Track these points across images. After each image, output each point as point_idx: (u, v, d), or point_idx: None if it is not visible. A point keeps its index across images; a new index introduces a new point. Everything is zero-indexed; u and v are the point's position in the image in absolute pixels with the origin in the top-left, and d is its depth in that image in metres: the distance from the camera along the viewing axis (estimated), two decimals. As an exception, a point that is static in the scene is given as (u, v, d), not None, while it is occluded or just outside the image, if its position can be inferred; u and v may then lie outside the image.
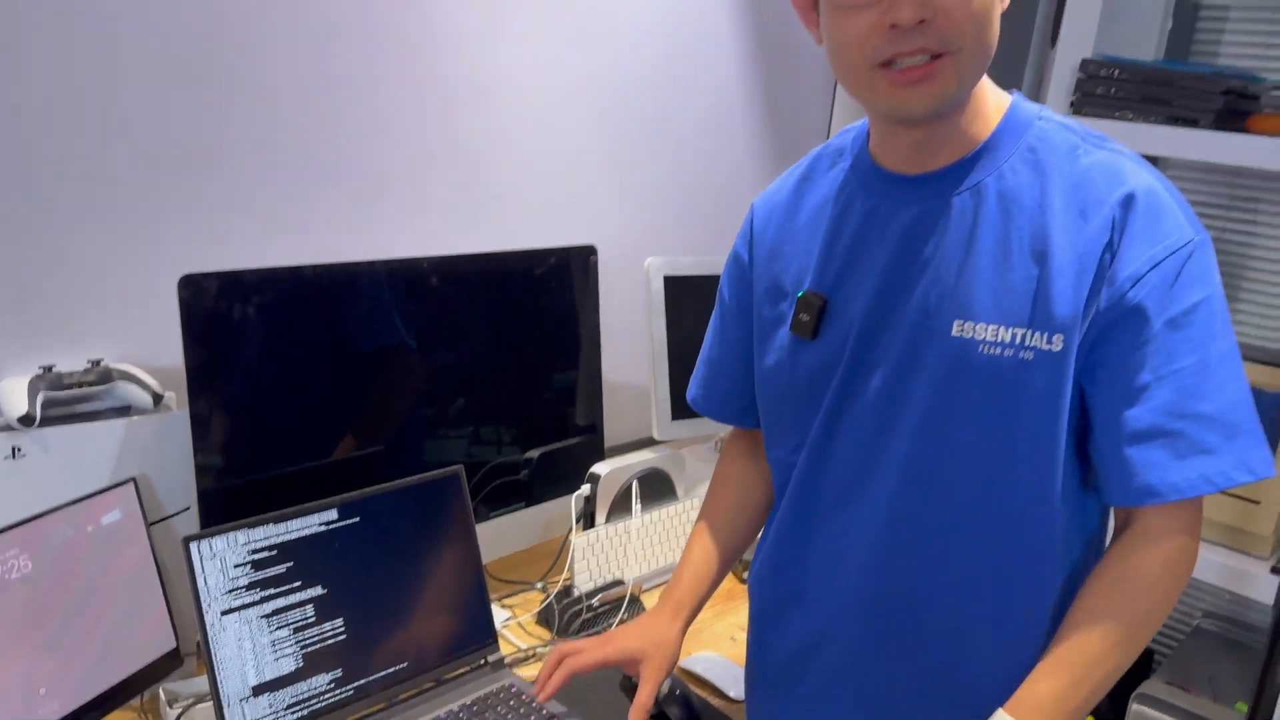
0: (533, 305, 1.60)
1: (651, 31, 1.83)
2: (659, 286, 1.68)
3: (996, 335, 0.94)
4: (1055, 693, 0.93)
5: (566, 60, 1.72)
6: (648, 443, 1.77)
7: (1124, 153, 0.95)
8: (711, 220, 2.02)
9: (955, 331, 0.96)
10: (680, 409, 1.71)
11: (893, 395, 1.01)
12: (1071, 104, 1.99)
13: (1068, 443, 0.96)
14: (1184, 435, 0.91)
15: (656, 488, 1.69)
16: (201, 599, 1.13)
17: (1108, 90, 1.92)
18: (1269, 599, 1.72)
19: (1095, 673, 0.93)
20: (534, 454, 1.65)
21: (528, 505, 1.65)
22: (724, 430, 1.83)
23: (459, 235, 1.64)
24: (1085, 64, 1.96)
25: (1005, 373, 0.94)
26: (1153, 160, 2.22)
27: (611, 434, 1.80)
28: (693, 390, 1.26)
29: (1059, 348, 0.92)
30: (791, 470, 1.12)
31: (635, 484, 1.64)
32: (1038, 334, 0.93)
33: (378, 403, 1.43)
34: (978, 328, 0.95)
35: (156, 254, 1.31)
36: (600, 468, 1.60)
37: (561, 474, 1.67)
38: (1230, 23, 2.18)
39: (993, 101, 0.98)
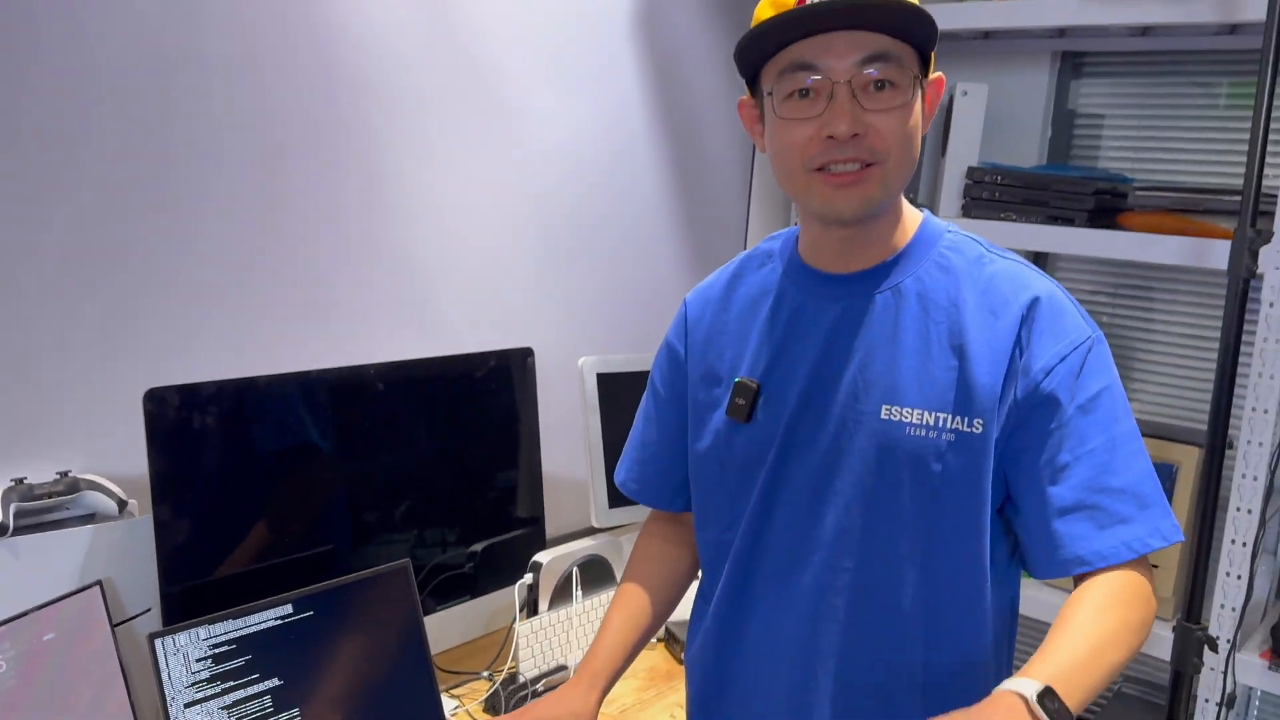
0: (475, 405, 1.71)
1: (581, 153, 1.99)
2: (593, 383, 1.81)
3: (922, 418, 1.04)
4: (1072, 664, 0.92)
5: (504, 180, 1.87)
6: (587, 532, 1.87)
7: (1023, 262, 1.09)
8: (638, 321, 2.17)
9: (884, 415, 1.06)
10: (617, 497, 1.82)
11: (826, 474, 1.09)
12: (962, 207, 2.19)
13: (992, 517, 1.05)
14: (1103, 508, 1.00)
15: (597, 574, 1.78)
16: (166, 693, 1.20)
17: (992, 194, 2.12)
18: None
19: (1106, 656, 0.94)
20: (478, 547, 1.74)
21: (473, 597, 1.73)
22: (659, 517, 1.94)
23: (405, 342, 1.76)
24: (971, 171, 2.17)
25: (930, 452, 1.04)
26: (1038, 256, 2.43)
27: (552, 526, 1.89)
28: (621, 474, 1.32)
29: (979, 430, 1.03)
30: (722, 550, 1.18)
31: (576, 571, 1.74)
32: (959, 418, 1.03)
33: (330, 503, 1.52)
34: (905, 411, 1.05)
35: (116, 371, 1.41)
36: (542, 556, 1.70)
37: (506, 565, 1.76)
38: (1105, 129, 2.42)
39: (909, 215, 1.11)
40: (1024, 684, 0.90)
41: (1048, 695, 0.89)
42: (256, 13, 1.48)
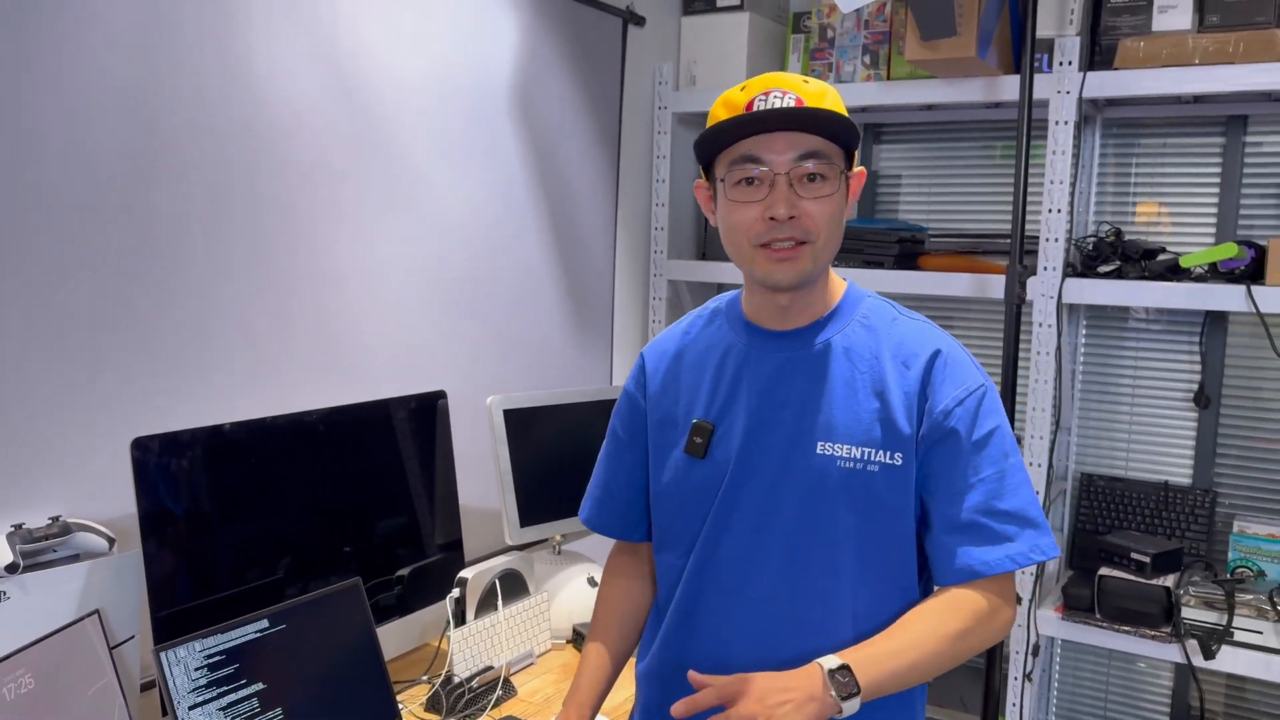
0: (398, 443, 1.94)
1: (475, 219, 2.26)
2: (500, 419, 2.07)
3: (851, 453, 1.21)
4: (882, 652, 1.14)
5: (409, 244, 2.11)
6: (501, 550, 2.11)
7: (926, 320, 1.30)
8: (531, 363, 2.44)
9: (820, 450, 1.22)
10: (528, 518, 2.08)
11: (769, 502, 1.24)
12: (796, 255, 2.59)
13: (917, 536, 1.24)
14: (990, 528, 1.19)
15: (513, 586, 2.03)
16: (174, 697, 1.38)
17: (820, 244, 2.53)
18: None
19: (921, 650, 1.15)
20: (405, 571, 1.95)
21: (405, 614, 1.94)
22: (559, 534, 2.21)
23: (333, 390, 1.97)
24: (801, 225, 2.57)
25: (858, 482, 1.21)
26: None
27: (470, 547, 2.12)
28: (585, 512, 1.45)
29: (899, 463, 1.21)
30: (674, 571, 1.32)
31: (497, 583, 1.98)
32: (882, 452, 1.21)
33: (285, 534, 1.72)
34: (837, 447, 1.22)
35: (97, 427, 1.57)
36: (467, 572, 1.94)
37: (431, 585, 1.98)
38: (903, 187, 2.89)
39: (835, 283, 1.30)
40: (829, 659, 1.13)
41: (841, 670, 1.12)
42: (209, 112, 1.69)
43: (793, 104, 1.18)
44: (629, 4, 2.65)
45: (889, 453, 1.22)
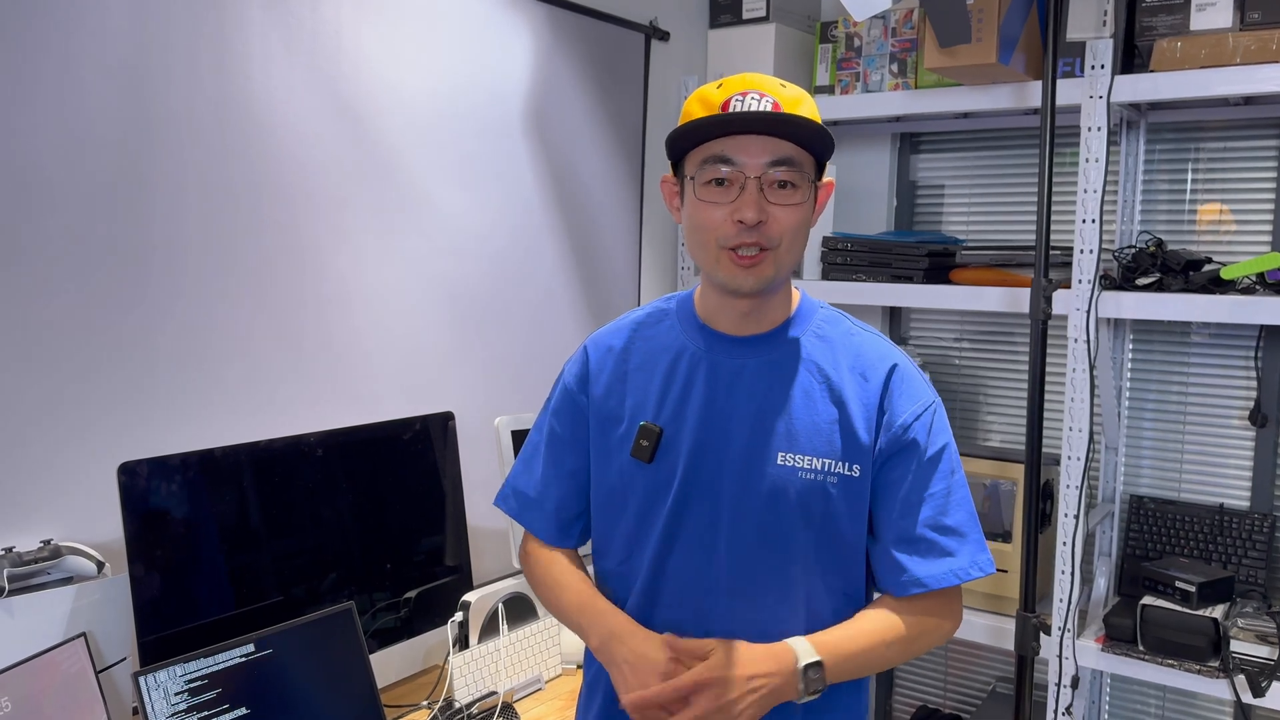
0: (405, 465, 1.94)
1: (488, 238, 2.25)
2: (508, 440, 2.05)
3: (811, 464, 1.22)
4: (848, 654, 1.20)
5: (419, 266, 2.11)
6: (509, 573, 2.09)
7: (880, 334, 1.31)
8: (545, 382, 2.42)
9: (780, 461, 1.22)
10: (533, 540, 2.05)
11: (727, 513, 1.23)
12: (821, 271, 2.52)
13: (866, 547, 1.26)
14: (936, 542, 1.23)
15: (519, 609, 2.01)
16: (151, 722, 1.39)
17: (845, 259, 2.46)
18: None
19: (872, 656, 1.22)
20: (412, 594, 1.94)
21: (410, 637, 1.93)
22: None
23: (338, 412, 1.98)
24: (826, 240, 2.50)
25: (818, 493, 1.22)
26: (892, 310, 2.77)
27: (478, 569, 2.11)
28: (515, 511, 1.39)
29: (858, 474, 1.23)
30: (621, 581, 1.30)
31: (501, 607, 1.96)
32: (841, 463, 1.22)
33: (282, 557, 1.72)
34: (799, 458, 1.22)
35: (89, 451, 1.60)
36: (470, 595, 1.92)
37: (437, 607, 1.97)
38: (946, 197, 2.79)
39: (791, 291, 1.31)
40: (805, 649, 1.18)
41: (814, 667, 1.17)
42: (204, 135, 1.72)
43: (769, 108, 1.17)
44: (652, 19, 2.62)
45: (848, 464, 1.23)
